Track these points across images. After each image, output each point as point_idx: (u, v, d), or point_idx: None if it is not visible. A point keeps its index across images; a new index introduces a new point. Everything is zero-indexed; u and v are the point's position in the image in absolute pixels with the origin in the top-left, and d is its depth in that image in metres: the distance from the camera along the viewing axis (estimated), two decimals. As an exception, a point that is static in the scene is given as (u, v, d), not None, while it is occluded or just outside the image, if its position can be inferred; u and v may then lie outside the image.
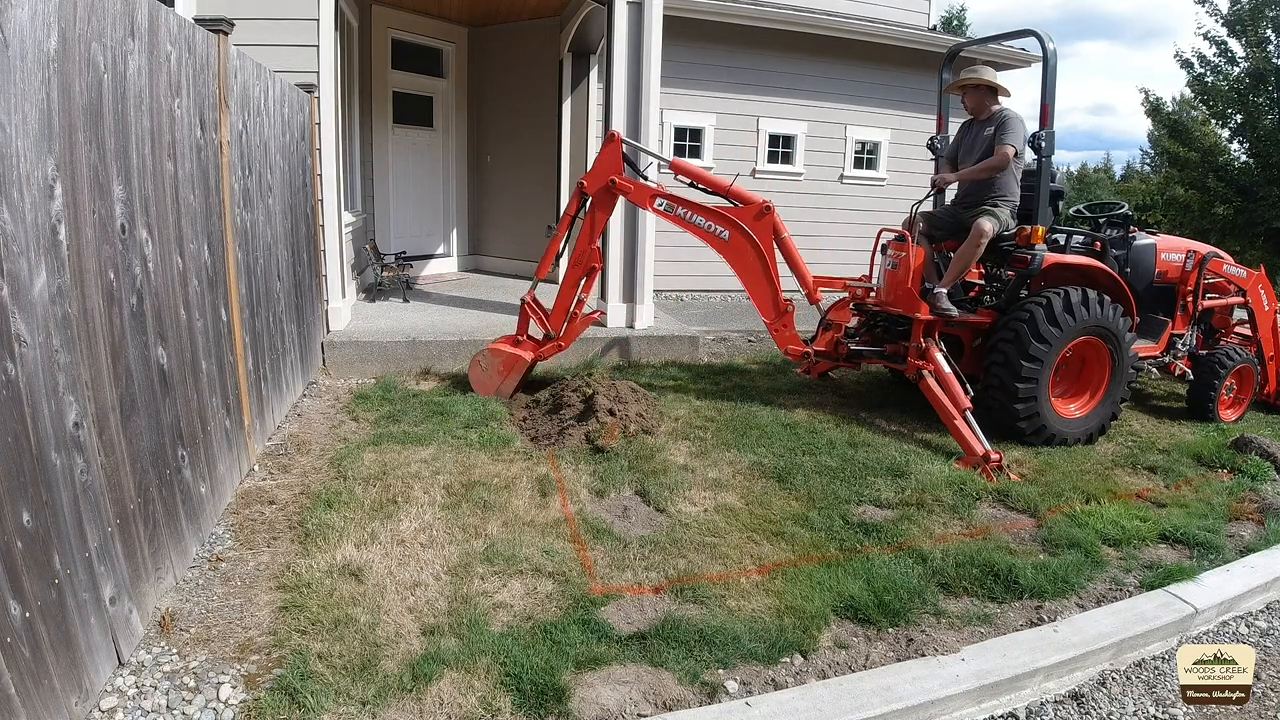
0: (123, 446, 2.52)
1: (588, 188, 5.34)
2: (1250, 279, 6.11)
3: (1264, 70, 14.96)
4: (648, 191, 5.34)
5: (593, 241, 5.36)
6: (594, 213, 5.36)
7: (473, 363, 5.55)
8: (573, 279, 5.46)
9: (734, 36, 9.98)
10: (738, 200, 5.27)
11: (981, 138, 5.23)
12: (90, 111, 2.33)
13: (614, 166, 5.32)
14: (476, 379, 5.52)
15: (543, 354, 5.54)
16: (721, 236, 5.24)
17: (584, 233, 5.35)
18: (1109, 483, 4.51)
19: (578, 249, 5.40)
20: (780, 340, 5.46)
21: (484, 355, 5.52)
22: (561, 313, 5.52)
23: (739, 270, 5.33)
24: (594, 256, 5.41)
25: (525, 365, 5.48)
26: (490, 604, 2.93)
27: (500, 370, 5.47)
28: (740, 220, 5.19)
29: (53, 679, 2.02)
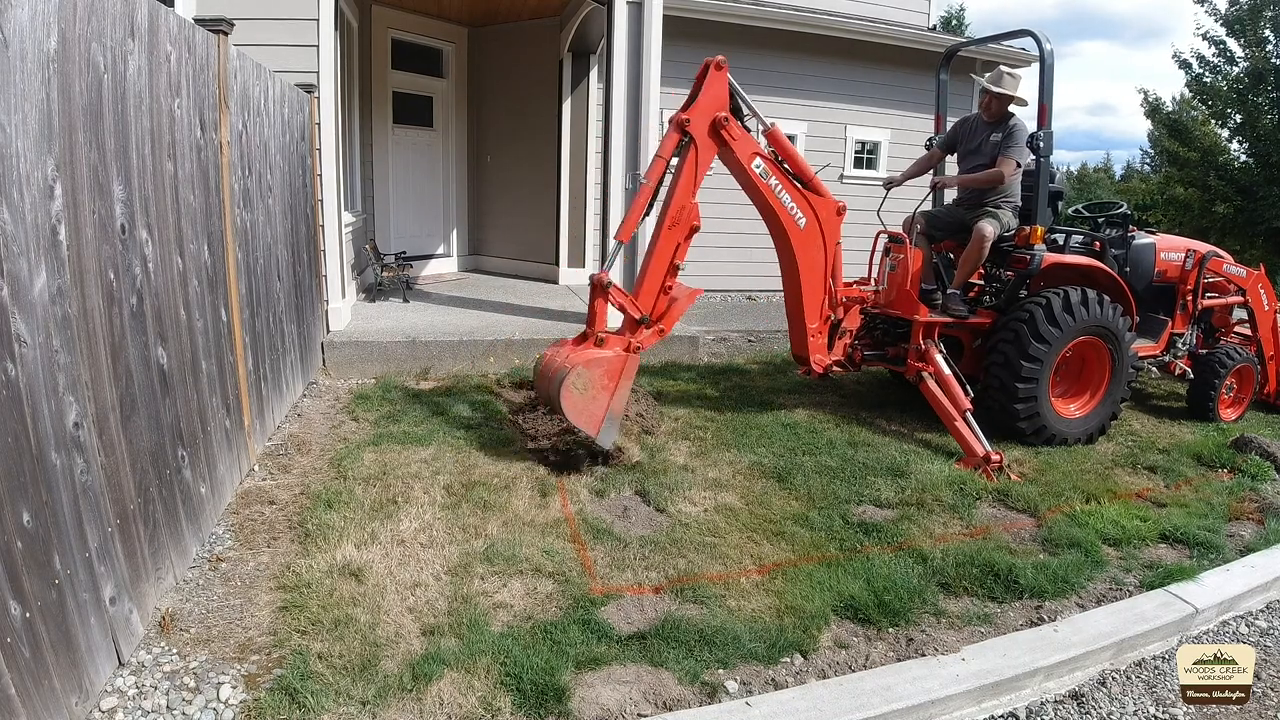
0: (123, 447, 2.52)
1: (692, 125, 4.32)
2: (1250, 278, 6.11)
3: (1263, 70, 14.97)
4: (751, 146, 4.55)
5: (693, 194, 4.41)
6: (697, 158, 4.38)
7: (564, 394, 4.01)
8: (668, 245, 4.38)
9: (734, 36, 9.98)
10: (816, 191, 4.80)
11: (988, 142, 5.20)
12: (90, 112, 2.33)
13: (721, 101, 4.41)
14: (578, 411, 4.06)
15: (642, 344, 4.34)
16: (799, 222, 4.72)
17: (682, 185, 4.36)
18: (1109, 482, 4.51)
19: (674, 205, 4.35)
20: (813, 349, 5.05)
21: (576, 376, 4.04)
22: (654, 289, 4.41)
23: (804, 262, 4.81)
24: (694, 213, 4.42)
25: (634, 365, 4.29)
26: (490, 604, 2.93)
27: (606, 384, 4.13)
28: (819, 211, 4.77)
29: (53, 679, 2.02)
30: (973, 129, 5.36)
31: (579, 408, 4.05)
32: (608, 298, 4.28)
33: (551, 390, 4.10)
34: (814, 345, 5.06)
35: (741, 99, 4.53)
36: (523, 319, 7.20)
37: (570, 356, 4.17)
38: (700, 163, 4.41)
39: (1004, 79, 5.11)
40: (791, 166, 4.77)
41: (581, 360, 4.10)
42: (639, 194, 4.41)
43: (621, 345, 4.27)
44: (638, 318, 4.34)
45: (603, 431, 4.13)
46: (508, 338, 6.53)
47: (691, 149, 4.37)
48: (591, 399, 4.08)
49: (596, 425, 4.10)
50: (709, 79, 4.36)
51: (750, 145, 4.56)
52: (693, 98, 4.41)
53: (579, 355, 4.17)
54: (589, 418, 4.09)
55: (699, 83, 4.39)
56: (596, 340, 4.23)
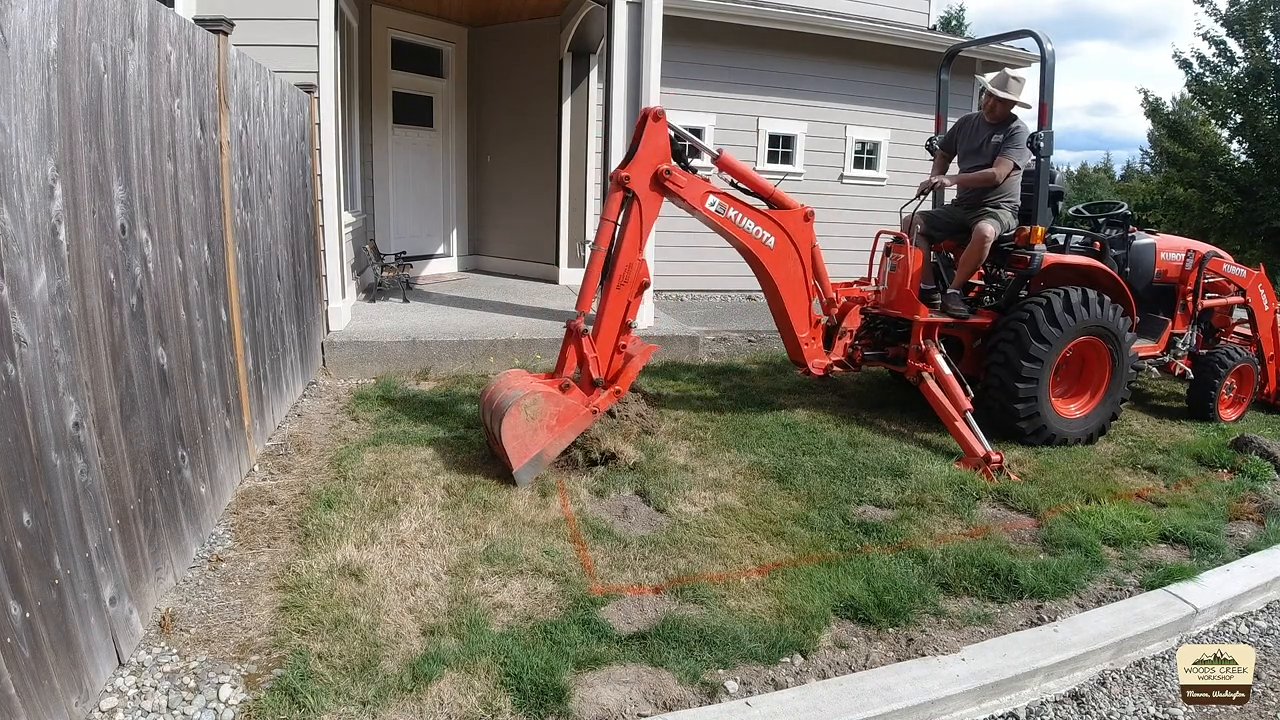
0: (123, 447, 2.52)
1: (633, 182, 4.27)
2: (1250, 278, 6.11)
3: (1263, 70, 14.97)
4: (701, 188, 4.48)
5: (640, 250, 4.37)
6: (641, 214, 4.34)
7: (511, 411, 3.91)
8: (618, 303, 4.37)
9: (734, 36, 9.98)
10: (779, 205, 4.77)
11: (989, 143, 5.19)
12: (90, 112, 2.33)
13: (663, 152, 4.34)
14: (515, 434, 3.94)
15: (598, 407, 4.26)
16: (767, 244, 4.68)
17: (629, 241, 4.32)
18: (1109, 483, 4.51)
19: (621, 263, 4.32)
20: (809, 354, 5.03)
21: (530, 400, 3.96)
22: (608, 350, 4.39)
23: (780, 279, 4.78)
24: (643, 270, 4.40)
25: (586, 422, 4.22)
26: (490, 604, 2.93)
27: (553, 425, 4.07)
28: (785, 226, 4.72)
29: (53, 679, 2.02)
30: (974, 129, 5.36)
31: (518, 432, 3.95)
32: (580, 347, 4.24)
33: (499, 406, 4.01)
34: (809, 351, 5.07)
35: (685, 139, 4.49)
36: (523, 319, 7.20)
37: (533, 383, 4.16)
38: (645, 217, 4.36)
39: (1009, 83, 5.11)
40: (751, 187, 4.74)
41: (542, 390, 4.06)
42: (591, 260, 4.36)
43: (581, 400, 4.22)
44: (594, 378, 4.26)
45: (524, 467, 4.00)
46: (508, 338, 6.53)
47: (635, 205, 4.31)
48: (534, 430, 4.00)
49: (523, 458, 3.98)
50: (647, 131, 4.28)
51: (699, 187, 4.48)
52: (632, 152, 4.34)
53: (541, 385, 4.14)
54: (521, 446, 3.97)
55: (637, 135, 4.33)
56: (562, 386, 4.18)
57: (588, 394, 4.26)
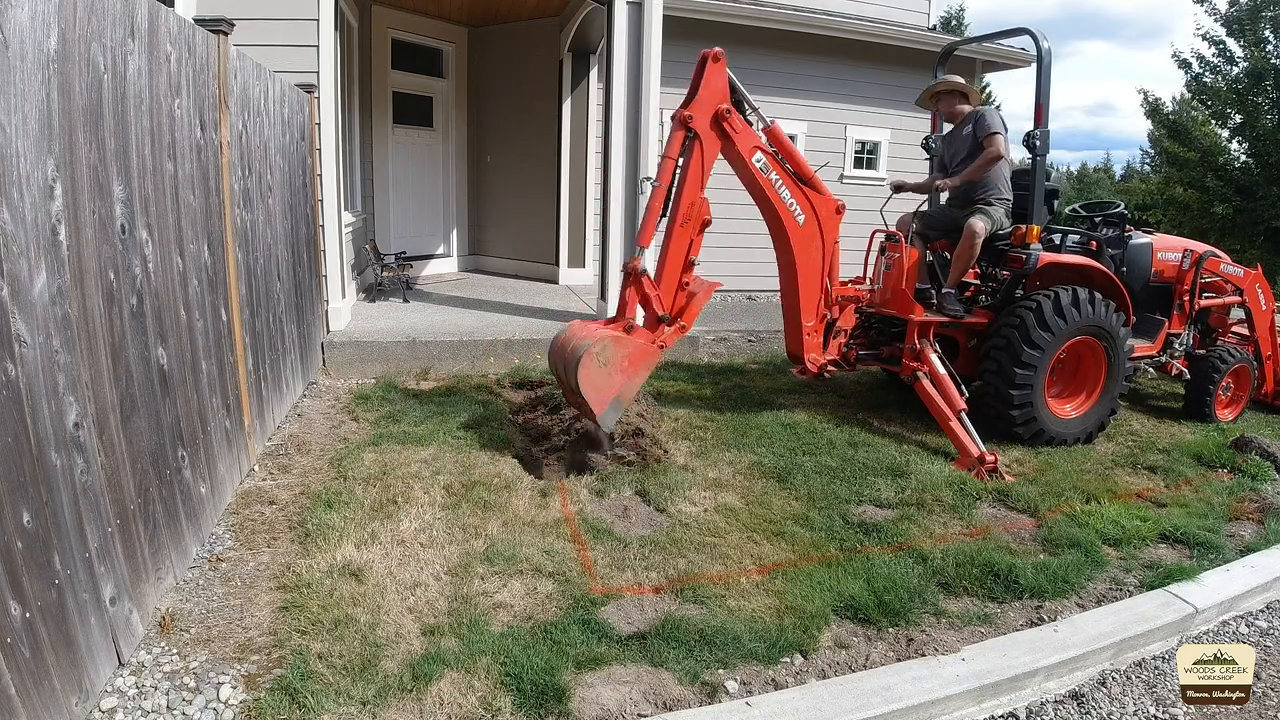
0: (123, 447, 2.52)
1: (695, 121, 4.31)
2: (1247, 278, 6.11)
3: (1263, 70, 14.97)
4: (752, 140, 4.54)
5: (702, 189, 4.42)
6: (703, 153, 4.40)
7: (584, 359, 3.97)
8: (681, 241, 4.42)
9: (734, 36, 9.97)
10: (815, 189, 4.81)
11: (962, 137, 5.25)
12: (90, 112, 2.33)
13: (721, 94, 4.39)
14: (591, 382, 4.01)
15: (665, 342, 4.33)
16: (798, 219, 4.72)
17: (691, 180, 4.38)
18: (1109, 482, 4.51)
19: (684, 202, 4.36)
20: (808, 347, 5.06)
21: (600, 346, 4.03)
22: (672, 287, 4.44)
23: (801, 260, 4.80)
24: (705, 208, 4.44)
25: (656, 359, 4.32)
26: (490, 604, 2.93)
27: (626, 366, 4.13)
28: (818, 209, 4.78)
29: (53, 679, 2.02)
30: (950, 139, 5.45)
31: (594, 380, 4.00)
32: (640, 287, 4.28)
33: (570, 358, 4.05)
34: (809, 344, 5.07)
35: (742, 93, 4.52)
36: (523, 319, 7.20)
37: (598, 331, 4.19)
38: (706, 157, 4.42)
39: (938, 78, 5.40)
40: (791, 164, 4.77)
41: (609, 335, 4.12)
42: (652, 196, 4.39)
43: (647, 339, 4.27)
44: (659, 314, 4.32)
45: (607, 412, 4.08)
46: (508, 338, 6.53)
47: (696, 145, 4.37)
48: (608, 375, 4.05)
49: (604, 403, 4.05)
50: (708, 72, 4.33)
51: (752, 139, 4.55)
52: (693, 93, 4.38)
53: (607, 330, 4.19)
54: (599, 393, 4.03)
55: (697, 77, 4.36)
56: (626, 328, 4.23)
57: (653, 331, 4.32)
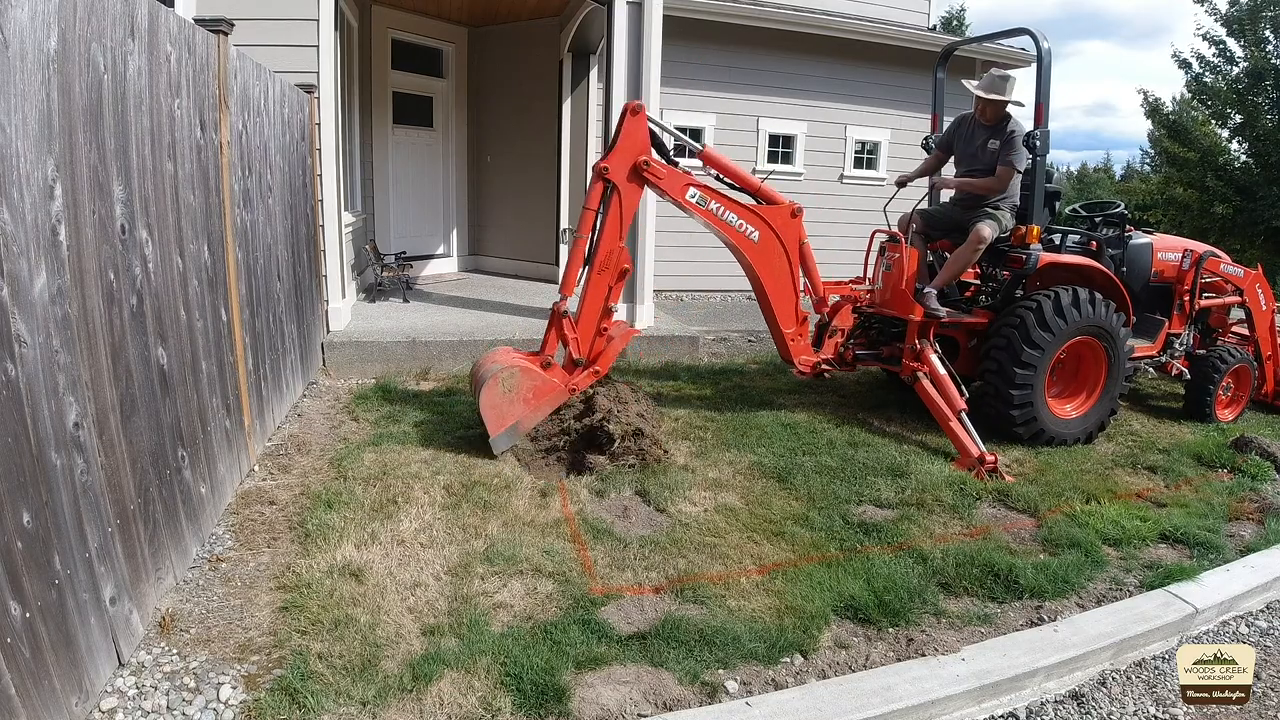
0: (123, 447, 2.52)
1: (611, 173, 4.46)
2: (1247, 278, 6.11)
3: (1263, 70, 14.97)
4: (681, 180, 4.62)
5: (620, 238, 4.54)
6: (621, 204, 4.51)
7: (489, 383, 4.22)
8: (599, 288, 4.55)
9: (734, 36, 9.98)
10: (766, 200, 4.84)
11: (986, 148, 5.14)
12: (90, 112, 2.32)
13: (641, 145, 4.52)
14: (492, 405, 4.24)
15: (576, 385, 4.54)
16: (751, 238, 4.75)
17: (609, 229, 4.51)
18: (1109, 482, 4.51)
19: (602, 250, 4.51)
20: (795, 351, 5.08)
21: (508, 374, 4.25)
22: (590, 330, 4.59)
23: (765, 274, 4.85)
24: (624, 257, 4.56)
25: (561, 398, 4.47)
26: (490, 604, 2.93)
27: (530, 398, 4.33)
28: (771, 221, 4.77)
29: (53, 679, 2.02)
30: (970, 131, 5.31)
31: (494, 403, 4.25)
32: (560, 328, 4.51)
33: (480, 377, 4.37)
34: (795, 349, 5.10)
35: (666, 133, 4.69)
36: (523, 319, 7.20)
37: (516, 359, 4.43)
38: (625, 207, 4.54)
39: (995, 83, 5.04)
40: (737, 182, 4.83)
41: (521, 365, 4.35)
42: (573, 247, 4.56)
43: (562, 380, 4.48)
44: (575, 358, 4.52)
45: (500, 436, 4.29)
46: (508, 338, 6.52)
47: (615, 195, 4.50)
48: (509, 402, 4.28)
49: (499, 427, 4.28)
50: (625, 125, 4.48)
51: (679, 179, 4.62)
52: (612, 144, 4.55)
53: (523, 361, 4.42)
54: (497, 416, 4.27)
55: (618, 128, 4.51)
56: (544, 363, 4.47)
57: (570, 373, 4.52)
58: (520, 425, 4.35)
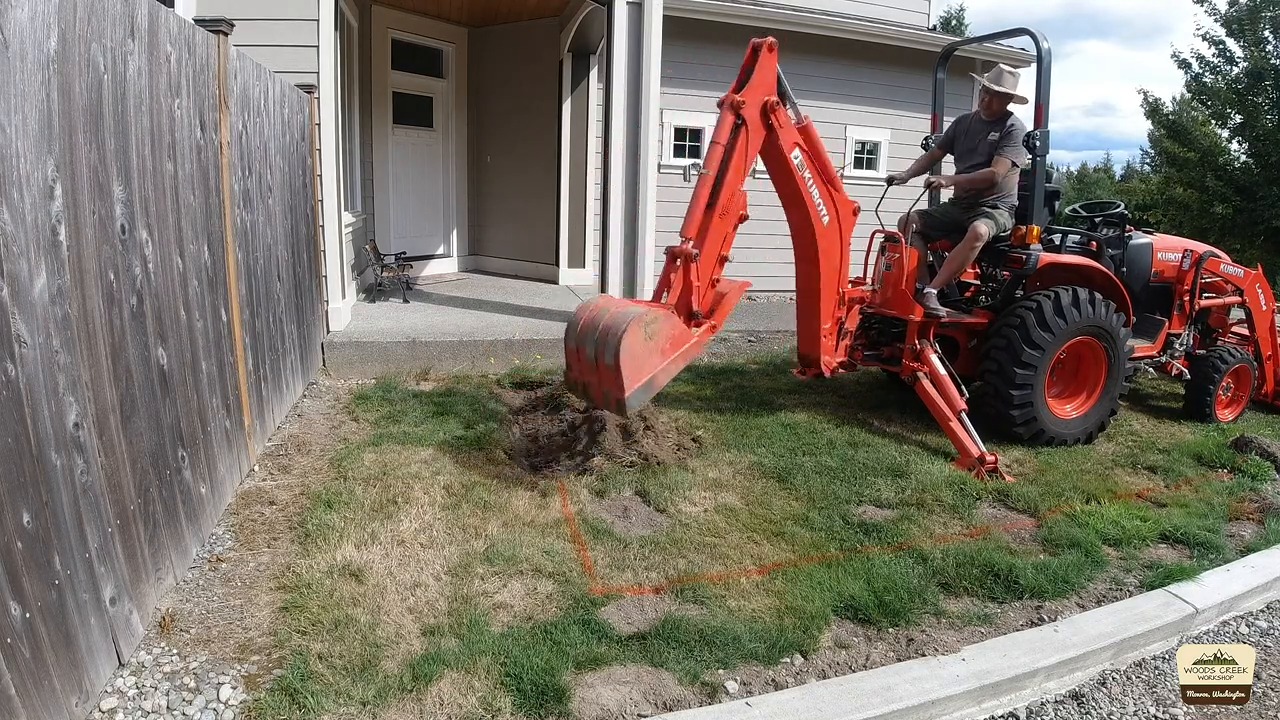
0: (123, 447, 2.52)
1: (747, 107, 4.11)
2: (1247, 278, 6.11)
3: (1262, 70, 14.97)
4: (794, 136, 4.42)
5: (743, 179, 4.20)
6: (747, 142, 4.17)
7: (632, 327, 3.59)
8: (719, 234, 4.17)
9: (734, 36, 9.96)
10: (838, 190, 4.75)
11: (986, 141, 5.16)
12: (90, 112, 2.33)
13: (770, 85, 4.23)
14: (633, 354, 3.62)
15: (700, 340, 4.13)
16: (824, 220, 4.64)
17: (734, 169, 4.15)
18: (1109, 483, 4.51)
19: (725, 191, 4.12)
20: (825, 349, 4.98)
21: (652, 318, 3.68)
22: (708, 280, 4.20)
23: (824, 262, 4.73)
24: (742, 201, 4.21)
25: (694, 353, 4.06)
26: (490, 604, 2.93)
27: (667, 348, 3.82)
28: (840, 210, 4.73)
29: (53, 679, 2.02)
30: (970, 127, 5.33)
31: (636, 352, 3.57)
32: (688, 273, 3.94)
33: (610, 326, 3.60)
34: (825, 346, 5.00)
35: (785, 86, 4.39)
36: (523, 319, 7.20)
37: (645, 306, 3.85)
38: (751, 147, 4.22)
39: (1004, 77, 5.08)
40: (819, 163, 4.70)
41: (662, 311, 3.75)
42: (699, 184, 4.10)
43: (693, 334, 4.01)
44: (694, 309, 4.06)
45: (635, 393, 3.65)
46: (508, 338, 6.53)
47: (743, 133, 4.17)
48: (649, 352, 3.64)
49: (636, 381, 3.63)
50: (760, 61, 4.18)
51: (793, 135, 4.44)
52: (743, 80, 4.20)
53: (656, 306, 3.85)
54: (636, 369, 3.61)
55: (749, 64, 4.21)
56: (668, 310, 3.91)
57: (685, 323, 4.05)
58: (655, 381, 3.73)
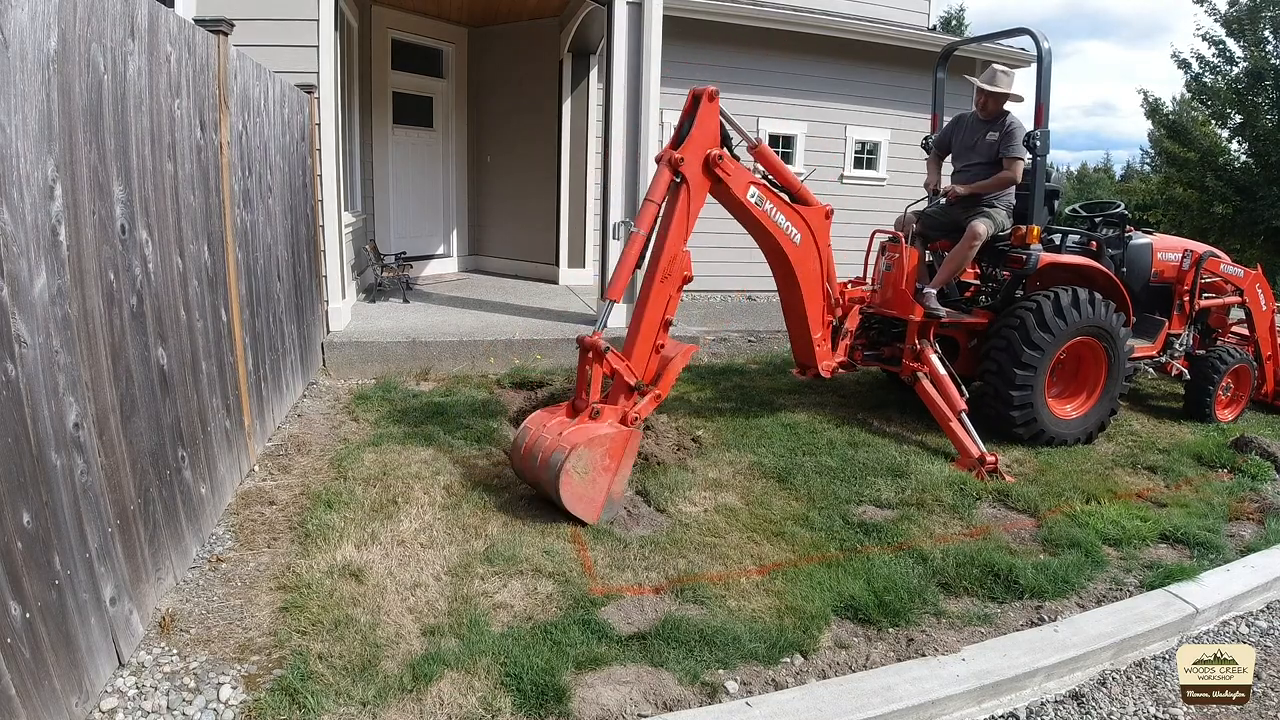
0: (123, 447, 2.52)
1: (686, 164, 4.00)
2: (1247, 278, 6.11)
3: (1262, 70, 14.96)
4: (745, 178, 4.33)
5: (684, 240, 4.10)
6: (690, 200, 4.07)
7: (563, 479, 3.51)
8: (660, 298, 4.04)
9: (734, 36, 9.98)
10: (802, 201, 4.68)
11: (984, 141, 5.16)
12: (90, 112, 2.33)
13: (713, 136, 4.14)
14: (579, 498, 3.58)
15: (640, 415, 3.94)
16: (794, 239, 4.57)
17: (674, 230, 4.04)
18: (1109, 482, 4.51)
19: (665, 254, 4.03)
20: (820, 355, 4.94)
21: (575, 459, 3.54)
22: (646, 351, 4.04)
23: (802, 276, 4.67)
24: (685, 263, 4.10)
25: (637, 442, 3.87)
26: (490, 604, 2.93)
27: (608, 464, 3.66)
28: (810, 222, 4.64)
29: (53, 679, 2.02)
30: (968, 128, 5.33)
31: (578, 494, 3.57)
32: (603, 364, 3.80)
33: (544, 475, 3.61)
34: (820, 353, 4.96)
35: (730, 125, 4.36)
36: (523, 319, 7.20)
37: (565, 435, 3.64)
38: (693, 204, 4.13)
39: (999, 77, 5.07)
40: (780, 181, 4.67)
41: (581, 439, 3.58)
42: (630, 244, 4.01)
43: (617, 416, 3.83)
44: (632, 384, 3.91)
45: (603, 513, 3.71)
46: (508, 338, 6.53)
47: (684, 190, 4.06)
48: (591, 483, 3.61)
49: (596, 511, 3.66)
50: (701, 112, 4.07)
51: (744, 177, 4.36)
52: (682, 134, 4.10)
53: (576, 433, 3.64)
54: (589, 504, 3.62)
55: (687, 116, 4.13)
56: (591, 412, 3.75)
57: (627, 400, 3.91)
58: (614, 494, 3.72)
